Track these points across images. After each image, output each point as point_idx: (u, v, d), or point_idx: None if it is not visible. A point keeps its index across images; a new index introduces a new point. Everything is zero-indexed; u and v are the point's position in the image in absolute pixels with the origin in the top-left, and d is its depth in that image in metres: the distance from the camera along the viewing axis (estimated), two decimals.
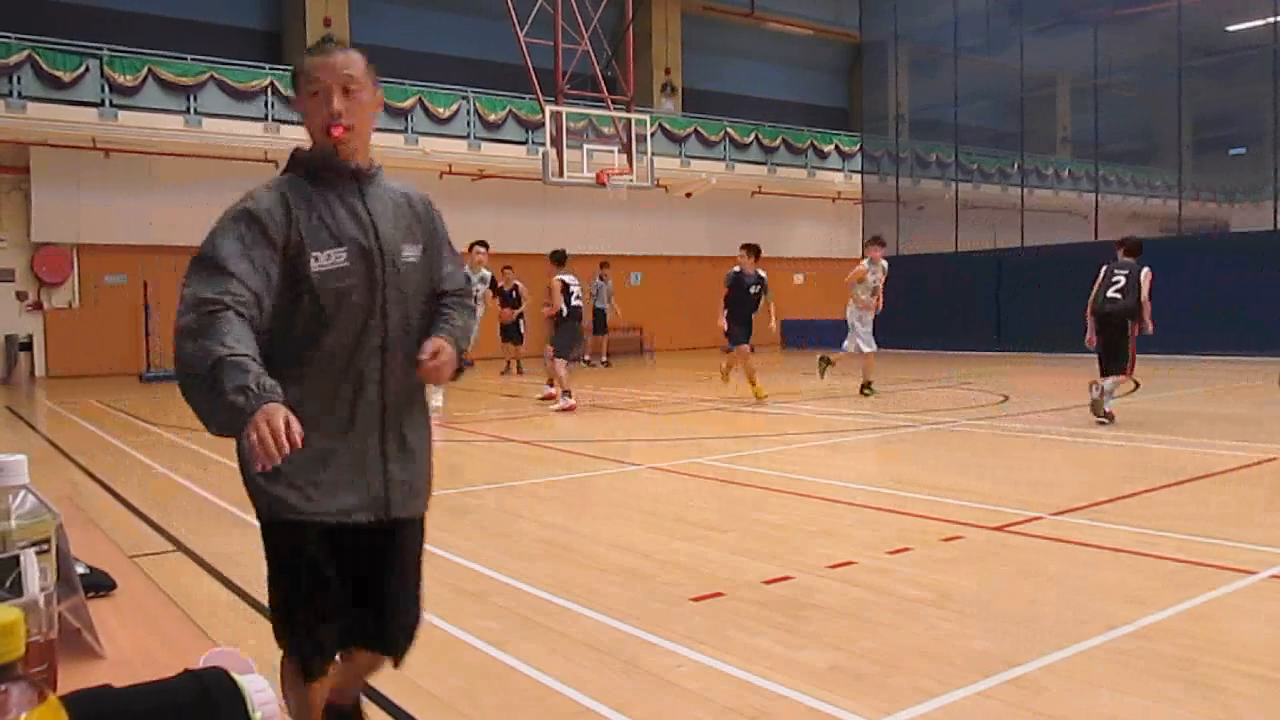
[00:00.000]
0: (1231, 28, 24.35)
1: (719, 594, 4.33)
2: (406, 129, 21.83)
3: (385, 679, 2.80)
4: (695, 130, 26.39)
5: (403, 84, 21.56)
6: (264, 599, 2.31)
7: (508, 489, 7.12)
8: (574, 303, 12.33)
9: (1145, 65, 24.60)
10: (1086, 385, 10.08)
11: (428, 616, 2.49)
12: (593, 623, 3.99)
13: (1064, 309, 21.71)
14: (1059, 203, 26.09)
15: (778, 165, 27.88)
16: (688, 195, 27.19)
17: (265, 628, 2.32)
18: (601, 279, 21.34)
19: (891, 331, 17.20)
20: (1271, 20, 20.60)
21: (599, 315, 20.86)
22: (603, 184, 19.14)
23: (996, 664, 3.40)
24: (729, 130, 26.98)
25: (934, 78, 27.04)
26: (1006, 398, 12.58)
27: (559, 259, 12.65)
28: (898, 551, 4.99)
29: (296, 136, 5.46)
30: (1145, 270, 9.81)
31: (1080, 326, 10.25)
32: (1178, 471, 7.10)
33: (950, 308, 22.60)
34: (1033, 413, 11.08)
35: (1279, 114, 20.63)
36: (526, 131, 23.17)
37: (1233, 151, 27.94)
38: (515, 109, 23.01)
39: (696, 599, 4.26)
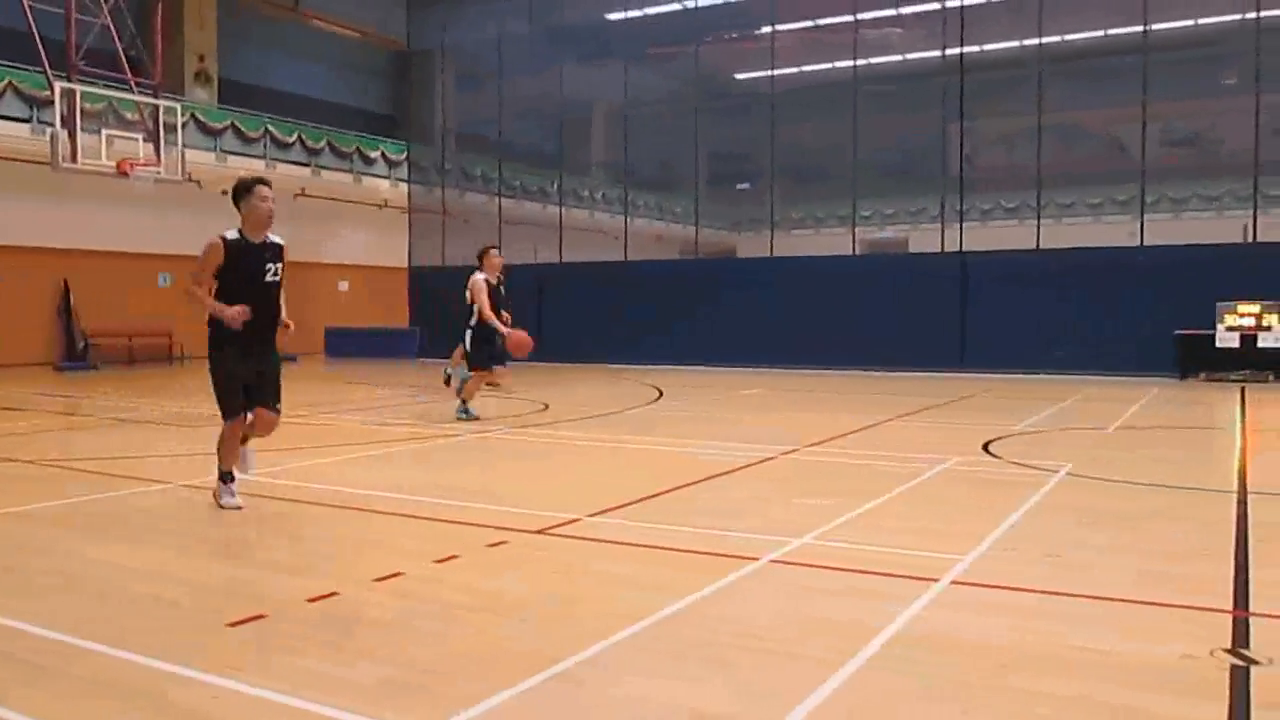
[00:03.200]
0: (739, 75, 27.48)
1: (260, 616, 4.10)
2: None
3: None
4: (233, 124, 24.87)
5: None
6: None
7: (11, 515, 6.23)
8: None
9: (669, 102, 27.02)
10: (613, 395, 10.85)
11: None
12: (114, 661, 3.60)
13: (600, 323, 23.15)
14: (594, 223, 27.88)
15: (323, 168, 27.08)
16: (224, 193, 25.52)
17: None
18: None
19: (441, 345, 17.32)
20: (770, 73, 23.50)
21: None
22: (125, 174, 17.42)
23: (541, 662, 3.54)
24: (270, 127, 25.74)
25: (480, 93, 27.75)
26: (547, 406, 13.17)
27: None
28: (445, 560, 5.03)
29: None
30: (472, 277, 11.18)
31: (612, 341, 11.07)
32: (699, 471, 7.85)
33: None
34: (572, 420, 11.71)
35: (775, 156, 23.58)
36: (32, 108, 20.48)
37: (740, 186, 31.55)
38: (16, 81, 20.24)
39: (234, 624, 4.00)
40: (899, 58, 25.64)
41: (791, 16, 24.38)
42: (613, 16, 25.26)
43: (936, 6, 22.31)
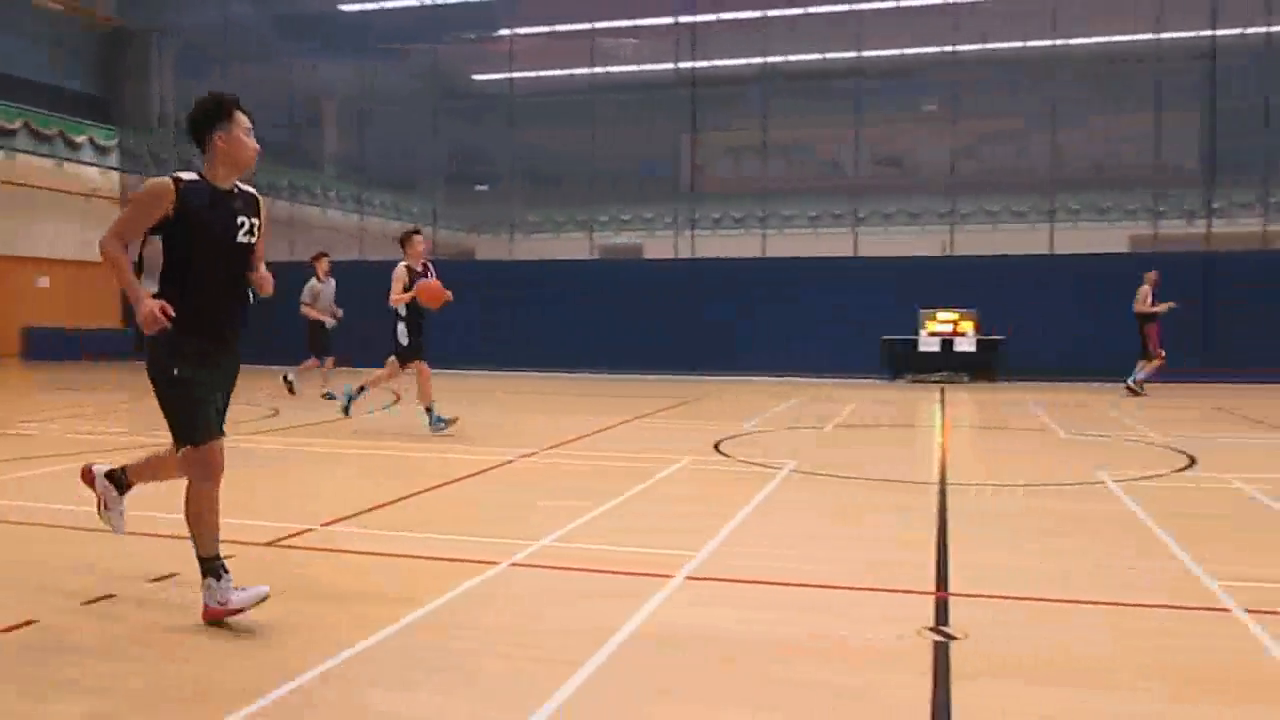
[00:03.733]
0: (478, 76, 27.29)
1: None
2: None
3: None
4: None
5: None
6: None
7: None
8: None
9: (406, 99, 26.47)
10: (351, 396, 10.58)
11: None
12: None
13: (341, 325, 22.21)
14: (327, 221, 26.87)
15: (18, 151, 24.60)
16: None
17: None
18: None
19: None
20: (509, 75, 23.51)
21: None
22: None
23: (271, 681, 3.36)
24: None
25: (202, 79, 26.10)
26: (277, 411, 12.57)
27: None
28: (162, 579, 4.70)
29: None
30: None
31: (347, 344, 10.77)
32: (438, 475, 7.72)
33: None
34: (305, 425, 11.23)
35: (514, 159, 23.61)
36: None
37: (478, 188, 31.31)
38: None
39: None
40: (635, 68, 26.33)
41: (531, 20, 24.53)
42: (346, 8, 24.48)
43: (670, 21, 23.09)
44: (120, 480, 4.82)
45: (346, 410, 11.27)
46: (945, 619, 4.18)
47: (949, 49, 21.81)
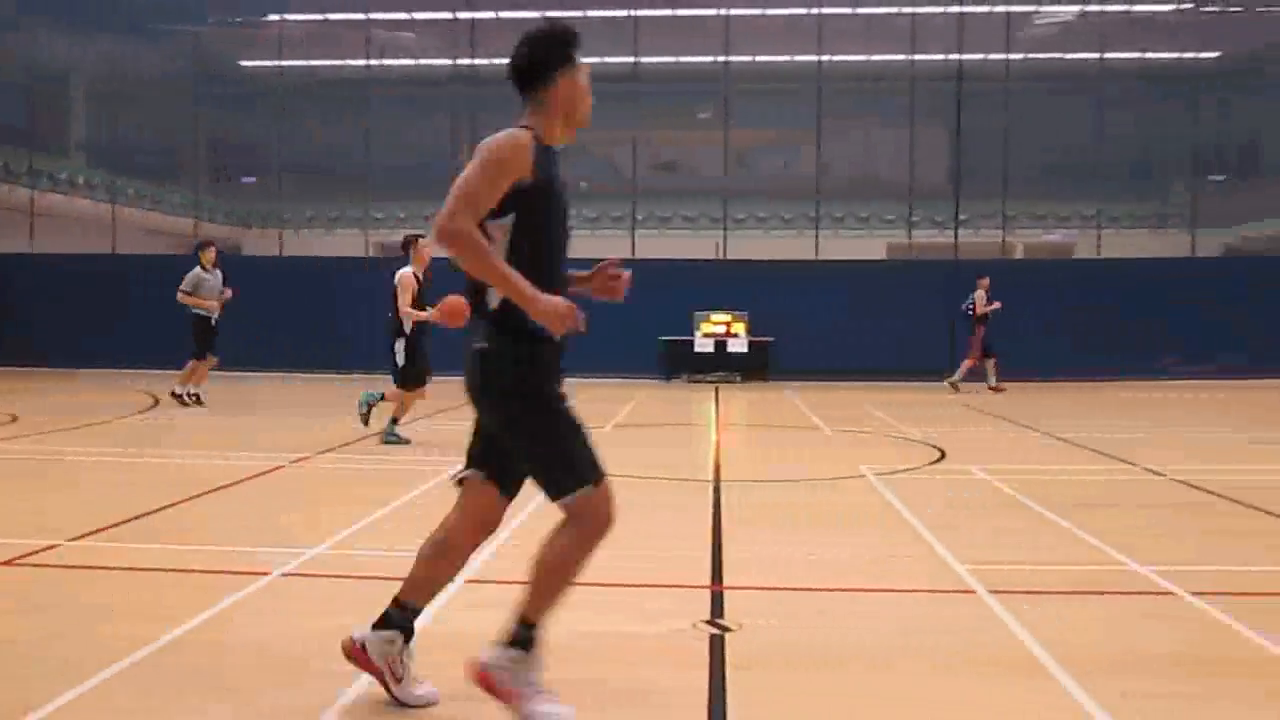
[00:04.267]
0: (245, 63, 26.01)
1: None
2: None
3: None
4: None
5: None
6: None
7: None
8: None
9: (167, 84, 24.89)
10: (101, 404, 9.80)
11: None
12: None
13: (85, 323, 20.57)
14: (74, 210, 24.89)
15: None
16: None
17: None
18: None
19: None
20: (279, 64, 22.54)
21: None
22: None
23: (11, 714, 3.08)
24: None
25: None
26: (15, 418, 11.55)
27: None
28: None
29: None
30: None
31: (104, 343, 9.96)
32: (201, 483, 7.29)
33: None
34: (49, 433, 10.37)
35: (284, 150, 22.64)
36: None
37: (245, 179, 29.82)
38: None
39: None
40: (412, 62, 25.81)
41: (303, 7, 23.60)
42: None
43: (449, 16, 22.77)
44: (406, 625, 3.31)
45: (366, 420, 10.21)
46: (721, 612, 4.31)
47: (722, 60, 22.55)
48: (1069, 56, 24.66)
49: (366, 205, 22.88)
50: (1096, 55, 22.64)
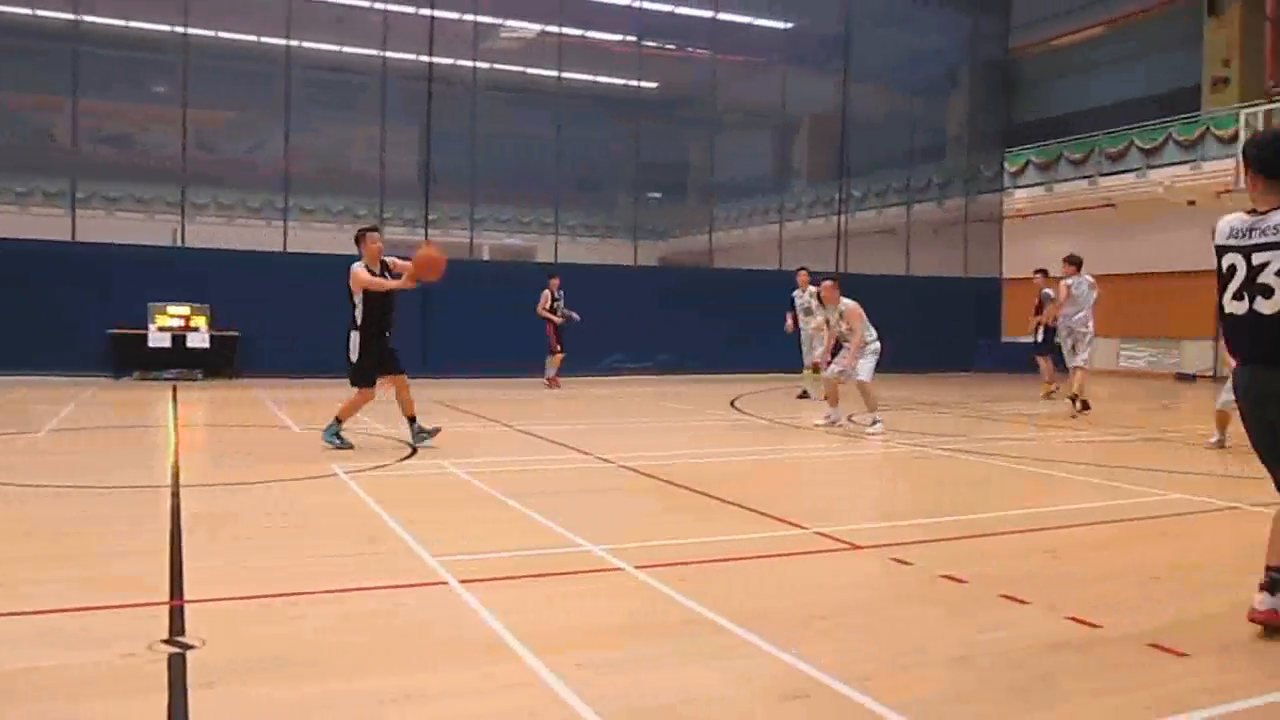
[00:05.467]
0: None
1: None
2: None
3: None
4: None
5: None
6: None
7: None
8: None
9: None
10: None
11: None
12: None
13: None
14: None
15: None
16: None
17: None
18: None
19: None
20: None
21: None
22: None
23: None
24: None
25: None
26: None
27: None
28: None
29: None
30: None
31: None
32: None
33: None
34: None
35: None
36: None
37: None
38: None
39: None
40: None
41: None
42: None
43: None
44: None
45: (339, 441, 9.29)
46: (181, 629, 4.01)
47: (180, 30, 20.88)
48: (530, 71, 26.20)
49: None
50: (555, 74, 24.28)
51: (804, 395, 16.10)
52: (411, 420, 9.74)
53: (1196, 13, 24.24)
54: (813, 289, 15.57)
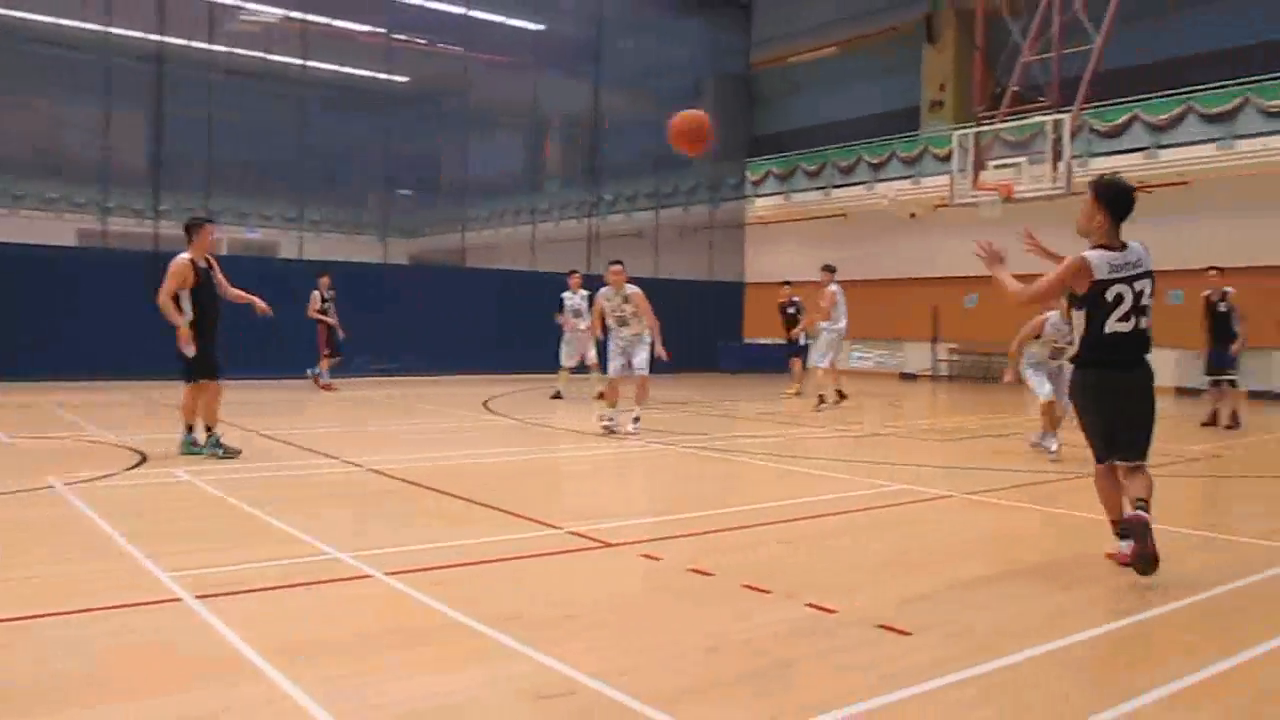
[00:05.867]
0: None
1: None
2: None
3: None
4: None
5: None
6: None
7: None
8: None
9: None
10: None
11: None
12: None
13: None
14: None
15: None
16: None
17: None
18: None
19: None
20: None
21: None
22: None
23: None
24: None
25: None
26: None
27: None
28: None
29: None
30: None
31: None
32: None
33: None
34: None
35: None
36: None
37: None
38: None
39: None
40: None
41: None
42: None
43: None
44: None
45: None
46: None
47: None
48: (272, 58, 24.97)
49: None
50: (300, 62, 23.27)
51: (558, 396, 16.23)
52: (208, 428, 9.15)
53: (919, 39, 26.22)
54: (584, 291, 15.78)
